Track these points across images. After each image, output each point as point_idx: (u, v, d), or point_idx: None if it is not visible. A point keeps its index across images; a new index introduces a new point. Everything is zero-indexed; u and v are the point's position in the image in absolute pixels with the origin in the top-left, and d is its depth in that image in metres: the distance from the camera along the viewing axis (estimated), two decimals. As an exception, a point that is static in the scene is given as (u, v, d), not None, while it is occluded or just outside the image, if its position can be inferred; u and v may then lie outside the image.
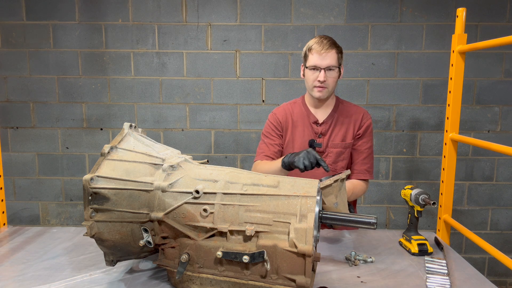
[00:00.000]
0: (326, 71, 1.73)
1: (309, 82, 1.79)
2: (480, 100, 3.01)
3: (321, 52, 1.72)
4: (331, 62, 1.73)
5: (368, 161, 1.87)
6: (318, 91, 1.77)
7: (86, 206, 1.13)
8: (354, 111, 1.88)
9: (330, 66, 1.73)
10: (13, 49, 2.96)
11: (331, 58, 1.73)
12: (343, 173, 1.44)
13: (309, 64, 1.75)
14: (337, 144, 1.83)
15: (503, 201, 3.10)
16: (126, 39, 2.96)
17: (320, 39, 1.75)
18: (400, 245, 1.58)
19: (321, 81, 1.73)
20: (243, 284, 1.11)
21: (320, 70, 1.73)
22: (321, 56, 1.72)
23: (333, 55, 1.73)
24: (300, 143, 1.86)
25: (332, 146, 1.83)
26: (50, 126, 3.04)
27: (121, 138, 1.26)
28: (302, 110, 1.90)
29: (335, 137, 1.84)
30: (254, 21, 2.94)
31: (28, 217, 3.14)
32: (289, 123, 1.89)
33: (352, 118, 1.86)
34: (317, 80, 1.74)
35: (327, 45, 1.73)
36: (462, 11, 1.69)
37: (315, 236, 1.12)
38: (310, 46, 1.76)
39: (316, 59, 1.73)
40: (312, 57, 1.74)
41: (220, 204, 1.12)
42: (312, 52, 1.74)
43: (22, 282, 1.26)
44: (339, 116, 1.86)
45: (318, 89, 1.76)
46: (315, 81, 1.75)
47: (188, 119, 3.05)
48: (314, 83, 1.76)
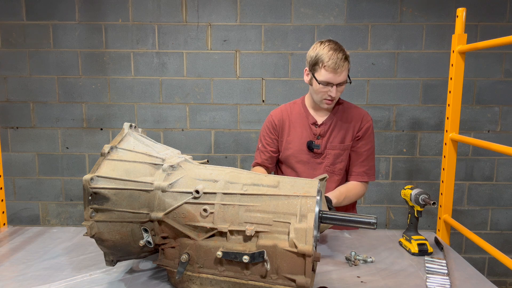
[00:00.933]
0: (338, 86, 1.69)
1: (318, 95, 1.74)
2: (480, 100, 3.01)
3: (336, 71, 1.64)
4: (344, 78, 1.68)
5: (367, 163, 1.84)
6: (327, 104, 1.74)
7: (86, 206, 1.13)
8: (354, 113, 1.85)
9: (342, 82, 1.69)
10: (13, 49, 2.96)
11: (345, 74, 1.68)
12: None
13: (321, 79, 1.68)
14: (335, 146, 1.82)
15: (503, 201, 3.10)
16: (126, 39, 2.96)
17: (334, 54, 1.64)
18: (400, 245, 1.58)
19: (332, 97, 1.70)
20: (243, 284, 1.11)
21: (332, 86, 1.68)
22: (336, 74, 1.65)
23: (345, 71, 1.67)
24: (298, 144, 1.84)
25: (330, 148, 1.82)
26: (50, 126, 3.04)
27: (121, 138, 1.26)
28: (301, 111, 1.87)
29: (334, 138, 1.82)
30: (254, 21, 2.94)
31: (28, 217, 3.14)
32: (286, 124, 1.87)
33: (352, 120, 1.84)
34: (328, 94, 1.70)
35: (342, 62, 1.64)
36: (462, 11, 1.69)
37: (315, 236, 1.12)
38: (323, 61, 1.66)
39: (330, 76, 1.66)
40: (326, 73, 1.66)
41: (220, 204, 1.12)
42: (326, 68, 1.65)
43: (22, 282, 1.26)
44: (339, 117, 1.84)
45: (328, 101, 1.73)
46: (325, 94, 1.71)
47: (188, 119, 3.05)
48: (323, 96, 1.72)
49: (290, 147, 1.85)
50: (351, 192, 1.79)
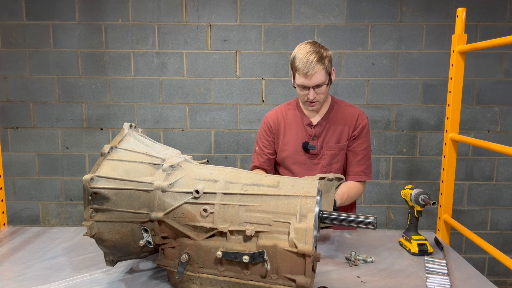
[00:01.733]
0: (315, 88, 1.68)
1: (300, 97, 1.77)
2: (480, 100, 3.01)
3: (306, 75, 1.63)
4: (319, 80, 1.65)
5: (364, 162, 1.83)
6: (310, 106, 1.75)
7: (86, 206, 1.13)
8: (349, 112, 1.83)
9: (318, 84, 1.66)
10: (13, 49, 2.96)
11: (318, 77, 1.64)
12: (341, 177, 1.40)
13: (297, 83, 1.69)
14: (331, 146, 1.81)
15: (503, 201, 3.10)
16: (126, 39, 2.96)
17: (305, 57, 1.63)
18: (400, 245, 1.58)
19: (310, 99, 1.70)
20: (243, 284, 1.11)
21: (309, 88, 1.68)
22: (308, 78, 1.64)
23: (320, 73, 1.64)
24: (293, 146, 1.83)
25: (326, 148, 1.81)
26: (50, 126, 3.04)
27: (121, 138, 1.26)
28: (296, 113, 1.86)
29: (329, 139, 1.81)
30: (254, 21, 2.94)
31: (28, 217, 3.14)
32: (282, 126, 1.86)
33: (347, 120, 1.82)
34: (307, 97, 1.70)
35: (312, 65, 1.62)
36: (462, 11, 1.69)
37: (315, 236, 1.12)
38: (296, 66, 1.66)
39: (303, 80, 1.66)
40: (299, 77, 1.67)
41: (220, 204, 1.12)
42: (298, 72, 1.66)
43: (22, 282, 1.26)
44: (333, 117, 1.82)
45: (310, 104, 1.73)
46: (305, 97, 1.72)
47: (188, 119, 3.05)
48: (304, 98, 1.73)
49: (286, 149, 1.85)
50: (352, 192, 1.78)
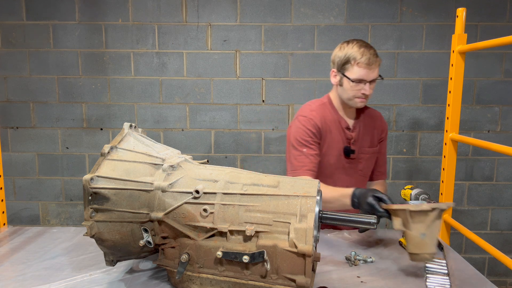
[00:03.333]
0: (371, 83, 1.66)
1: (350, 93, 1.68)
2: (480, 100, 3.01)
3: (370, 67, 1.62)
4: (377, 74, 1.67)
5: (386, 161, 1.91)
6: (360, 102, 1.69)
7: (86, 206, 1.13)
8: (374, 115, 1.85)
9: (376, 78, 1.67)
10: (13, 49, 2.96)
11: (377, 71, 1.66)
12: (444, 204, 1.25)
13: (354, 77, 1.64)
14: (366, 150, 1.79)
15: (503, 201, 3.10)
16: (126, 39, 2.96)
17: (366, 50, 1.63)
18: (400, 245, 1.57)
19: (366, 94, 1.66)
20: (243, 284, 1.11)
21: (365, 83, 1.65)
22: (370, 70, 1.63)
23: (378, 67, 1.66)
24: (336, 151, 1.75)
25: (362, 152, 1.78)
26: (50, 126, 3.04)
27: (121, 138, 1.26)
28: (333, 114, 1.77)
29: (363, 142, 1.79)
30: (254, 21, 2.94)
31: (28, 217, 3.14)
32: (326, 128, 1.74)
33: (375, 122, 1.82)
34: (361, 93, 1.66)
35: (374, 58, 1.63)
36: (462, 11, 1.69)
37: (315, 236, 1.12)
38: (356, 58, 1.63)
39: (364, 73, 1.63)
40: (359, 70, 1.63)
41: (220, 204, 1.12)
42: (359, 65, 1.62)
43: (22, 282, 1.26)
44: (364, 120, 1.81)
45: (360, 100, 1.68)
46: (358, 92, 1.66)
47: (188, 119, 3.05)
48: (356, 94, 1.67)
49: (331, 153, 1.75)
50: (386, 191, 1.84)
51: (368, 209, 1.39)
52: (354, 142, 1.77)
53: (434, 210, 1.21)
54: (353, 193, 1.47)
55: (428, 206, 1.21)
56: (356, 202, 1.45)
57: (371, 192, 1.41)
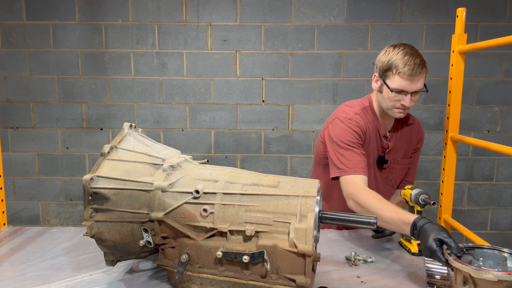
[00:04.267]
0: (413, 95, 1.55)
1: (389, 103, 1.58)
2: (480, 100, 3.01)
3: (413, 78, 1.51)
4: (420, 86, 1.55)
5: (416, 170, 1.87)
6: (398, 113, 1.59)
7: (86, 206, 1.13)
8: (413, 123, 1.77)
9: (419, 89, 1.55)
10: (13, 49, 2.96)
11: (421, 82, 1.55)
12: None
13: (394, 87, 1.53)
14: (399, 161, 1.74)
15: (503, 201, 3.10)
16: (126, 39, 2.96)
17: (411, 60, 1.52)
18: (400, 245, 1.57)
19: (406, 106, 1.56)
20: (243, 284, 1.11)
21: (406, 94, 1.54)
22: (413, 82, 1.52)
23: (423, 78, 1.55)
24: (371, 160, 1.68)
25: (395, 163, 1.73)
26: (50, 126, 3.05)
27: (121, 138, 1.26)
28: (373, 120, 1.67)
29: (397, 152, 1.72)
30: (254, 21, 2.94)
31: (28, 217, 3.14)
32: (367, 133, 1.65)
33: (412, 132, 1.75)
34: (401, 104, 1.55)
35: (419, 68, 1.52)
36: (462, 11, 1.69)
37: (315, 236, 1.12)
38: (398, 67, 1.52)
39: (405, 84, 1.52)
40: (400, 80, 1.52)
41: (220, 204, 1.12)
42: (400, 75, 1.52)
43: (22, 282, 1.26)
44: (402, 129, 1.73)
45: (399, 110, 1.58)
46: (398, 103, 1.56)
47: (188, 119, 3.05)
48: (395, 104, 1.57)
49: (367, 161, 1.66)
50: None
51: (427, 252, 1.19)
52: (389, 152, 1.71)
53: (500, 282, 1.02)
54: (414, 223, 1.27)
55: (495, 276, 1.02)
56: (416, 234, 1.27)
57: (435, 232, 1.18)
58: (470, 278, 1.06)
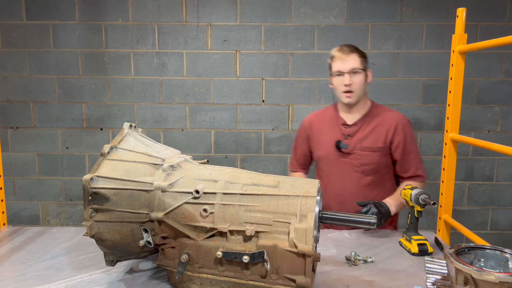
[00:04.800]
0: (351, 75, 1.77)
1: (337, 89, 1.83)
2: (480, 100, 3.01)
3: (342, 57, 1.78)
4: (354, 65, 1.77)
5: (418, 163, 1.95)
6: (346, 97, 1.80)
7: (86, 206, 1.13)
8: (389, 116, 1.88)
9: (354, 69, 1.77)
10: (13, 49, 2.96)
11: (353, 61, 1.78)
12: None
13: (334, 71, 1.82)
14: (366, 147, 1.83)
15: (503, 201, 3.10)
16: (126, 39, 2.96)
17: (341, 47, 1.83)
18: (400, 245, 1.57)
19: (346, 85, 1.77)
20: (243, 284, 1.11)
21: (344, 75, 1.77)
22: (343, 61, 1.78)
23: (355, 58, 1.78)
24: (327, 144, 1.89)
25: (360, 149, 1.83)
26: (50, 126, 3.04)
27: (121, 138, 1.26)
28: (333, 114, 1.94)
29: (363, 140, 1.84)
30: (254, 21, 2.94)
31: (28, 217, 3.14)
32: (317, 126, 1.95)
33: (385, 123, 1.85)
34: (343, 85, 1.78)
35: (348, 50, 1.79)
36: (462, 11, 1.69)
37: (315, 236, 1.12)
38: (332, 55, 1.84)
39: (339, 64, 1.79)
40: (335, 64, 1.81)
41: (220, 204, 1.12)
42: (334, 59, 1.82)
43: (22, 282, 1.26)
44: (371, 119, 1.87)
45: (346, 94, 1.80)
46: (342, 86, 1.79)
47: (188, 119, 3.05)
48: (341, 88, 1.80)
49: (320, 148, 1.92)
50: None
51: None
52: (349, 137, 1.86)
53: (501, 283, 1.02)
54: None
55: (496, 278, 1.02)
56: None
57: None
58: (471, 279, 1.06)
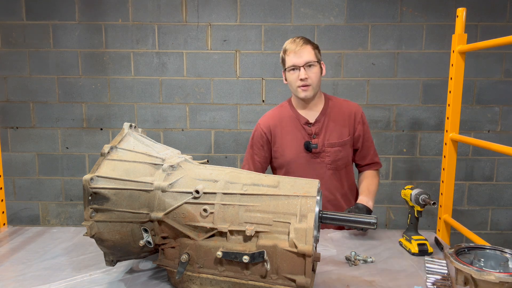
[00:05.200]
0: (306, 68, 1.71)
1: (292, 84, 1.76)
2: (480, 100, 3.01)
3: (296, 50, 1.71)
4: (309, 58, 1.71)
5: (375, 151, 1.91)
6: (302, 91, 1.73)
7: (86, 206, 1.13)
8: (346, 107, 1.85)
9: (309, 62, 1.71)
10: (13, 49, 2.96)
11: (308, 54, 1.71)
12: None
13: (288, 65, 1.74)
14: (334, 143, 1.80)
15: (503, 201, 3.10)
16: (126, 39, 2.96)
17: (293, 39, 1.76)
18: (400, 245, 1.57)
19: (303, 79, 1.70)
20: (243, 284, 1.11)
21: (299, 68, 1.71)
22: (297, 54, 1.71)
23: (309, 51, 1.72)
24: (294, 147, 1.81)
25: (329, 146, 1.80)
26: (50, 126, 3.04)
27: (121, 138, 1.26)
28: (291, 113, 1.85)
29: (330, 135, 1.80)
30: (254, 21, 2.94)
31: (28, 217, 3.14)
32: (278, 130, 1.84)
33: (345, 114, 1.83)
34: (299, 79, 1.71)
35: (301, 43, 1.72)
36: (462, 11, 1.69)
37: (315, 236, 1.12)
38: (285, 48, 1.76)
39: (293, 58, 1.72)
40: (289, 57, 1.73)
41: (220, 204, 1.12)
42: (287, 53, 1.74)
43: (22, 282, 1.26)
44: (331, 113, 1.82)
45: (303, 88, 1.73)
46: (297, 80, 1.72)
47: (188, 119, 3.05)
48: (296, 83, 1.73)
49: (287, 152, 1.82)
50: (375, 186, 1.86)
51: None
52: (316, 136, 1.80)
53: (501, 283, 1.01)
54: None
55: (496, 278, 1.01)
56: None
57: None
58: (471, 279, 1.06)
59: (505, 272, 1.04)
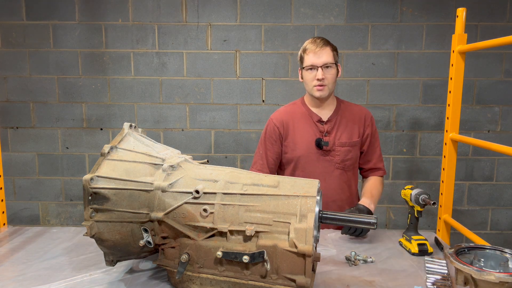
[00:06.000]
0: (324, 69, 1.74)
1: (309, 83, 1.79)
2: (480, 100, 3.01)
3: (316, 51, 1.74)
4: (327, 59, 1.74)
5: (381, 157, 1.93)
6: (318, 90, 1.76)
7: (86, 206, 1.13)
8: (357, 110, 1.89)
9: (327, 63, 1.74)
10: (13, 49, 2.96)
11: (327, 55, 1.74)
12: None
13: (306, 64, 1.77)
14: (344, 143, 1.83)
15: (503, 201, 3.10)
16: (126, 39, 2.96)
17: (314, 39, 1.78)
18: (400, 245, 1.58)
19: (319, 79, 1.74)
20: (243, 284, 1.11)
21: (317, 69, 1.74)
22: (317, 55, 1.74)
23: (328, 52, 1.75)
24: (305, 144, 1.83)
25: (339, 145, 1.82)
26: (50, 126, 3.04)
27: (121, 138, 1.26)
28: (303, 111, 1.88)
29: (341, 135, 1.83)
30: (254, 21, 2.94)
31: (28, 217, 3.14)
32: (290, 126, 1.86)
33: (355, 117, 1.87)
34: (316, 79, 1.74)
35: (321, 44, 1.75)
36: (462, 11, 1.69)
37: (315, 236, 1.12)
38: (305, 47, 1.79)
39: (312, 58, 1.74)
40: (308, 57, 1.76)
41: (220, 204, 1.12)
42: (307, 52, 1.77)
43: (22, 282, 1.26)
44: (343, 114, 1.86)
45: (318, 88, 1.76)
46: (314, 80, 1.75)
47: (188, 119, 3.05)
48: (313, 82, 1.76)
49: (298, 148, 1.84)
50: (378, 191, 1.86)
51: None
52: (328, 135, 1.83)
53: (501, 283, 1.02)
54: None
55: (496, 278, 1.01)
56: None
57: None
58: (471, 279, 1.07)
59: (505, 272, 1.04)
